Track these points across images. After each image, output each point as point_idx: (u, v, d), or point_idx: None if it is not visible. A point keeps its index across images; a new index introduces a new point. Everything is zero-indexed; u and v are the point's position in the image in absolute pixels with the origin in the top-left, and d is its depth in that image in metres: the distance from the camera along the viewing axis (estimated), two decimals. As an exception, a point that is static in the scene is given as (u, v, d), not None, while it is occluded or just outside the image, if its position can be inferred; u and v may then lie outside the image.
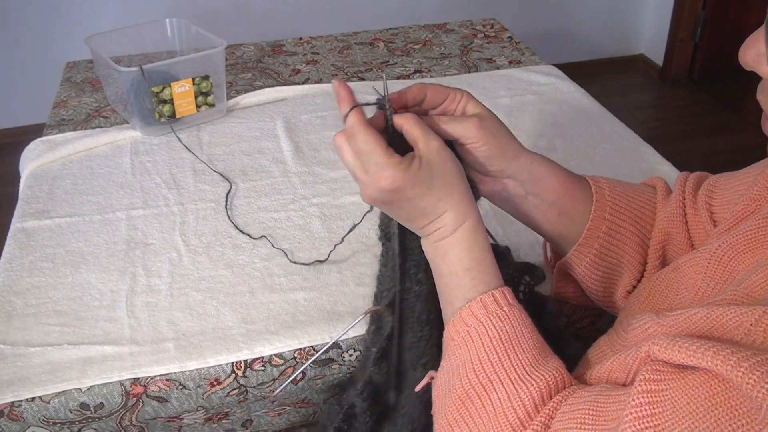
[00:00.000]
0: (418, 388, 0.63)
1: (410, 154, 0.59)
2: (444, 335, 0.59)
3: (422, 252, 0.64)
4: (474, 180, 0.67)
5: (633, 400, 0.44)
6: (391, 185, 0.57)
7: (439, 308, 0.64)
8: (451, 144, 0.64)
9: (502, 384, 0.53)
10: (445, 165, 0.59)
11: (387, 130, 0.61)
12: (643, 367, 0.46)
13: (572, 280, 0.77)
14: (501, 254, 0.70)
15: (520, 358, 0.54)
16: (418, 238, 0.64)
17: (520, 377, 0.53)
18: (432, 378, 0.61)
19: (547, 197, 0.69)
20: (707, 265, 0.58)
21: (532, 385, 0.52)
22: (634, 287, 0.72)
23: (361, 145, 0.57)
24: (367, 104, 0.62)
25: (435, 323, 0.66)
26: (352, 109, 0.60)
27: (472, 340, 0.55)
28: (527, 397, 0.52)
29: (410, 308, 0.67)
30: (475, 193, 0.65)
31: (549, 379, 0.53)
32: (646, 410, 0.43)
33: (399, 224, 0.65)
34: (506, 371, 0.53)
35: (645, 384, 0.44)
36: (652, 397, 0.43)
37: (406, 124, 0.60)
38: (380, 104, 0.63)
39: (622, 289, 0.72)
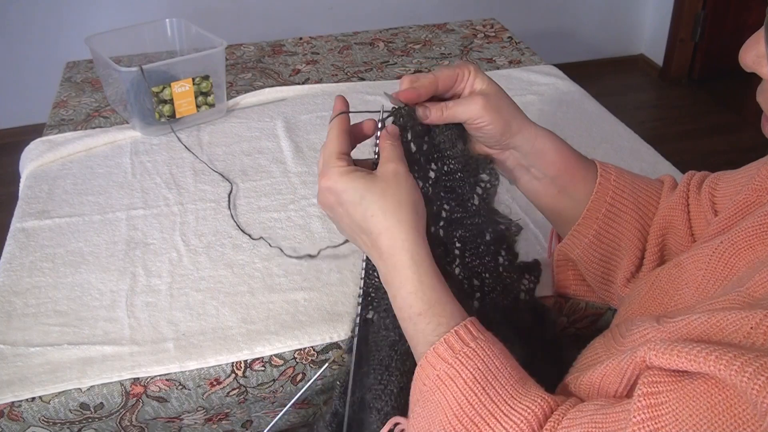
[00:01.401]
0: None
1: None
2: (413, 380, 0.56)
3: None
4: (479, 151, 0.68)
5: (634, 416, 0.42)
6: (326, 182, 0.59)
7: (403, 356, 0.63)
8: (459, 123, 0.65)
9: (488, 425, 0.50)
10: (389, 188, 0.58)
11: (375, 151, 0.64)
12: (641, 379, 0.45)
13: (572, 267, 0.78)
14: (516, 231, 0.70)
15: (500, 393, 0.51)
16: None
17: (505, 413, 0.50)
18: (396, 424, 0.59)
19: (548, 171, 0.69)
20: (708, 261, 0.58)
21: (521, 419, 0.50)
22: (633, 275, 0.72)
23: (326, 143, 0.62)
24: (355, 111, 0.64)
25: (395, 371, 0.64)
26: (337, 115, 0.63)
27: (445, 385, 0.52)
28: None
29: (377, 349, 0.66)
30: (488, 159, 0.67)
31: (536, 409, 0.50)
32: (649, 426, 0.42)
33: (367, 263, 0.66)
34: (490, 411, 0.51)
35: (645, 398, 0.43)
36: (652, 411, 0.42)
37: (382, 142, 0.62)
38: (393, 114, 0.64)
39: (621, 276, 0.72)
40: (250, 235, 0.97)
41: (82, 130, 1.25)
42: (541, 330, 0.73)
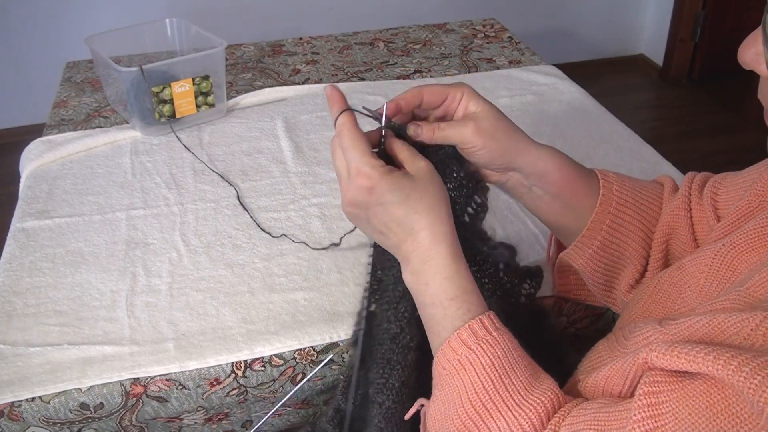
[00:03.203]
0: (407, 417, 0.61)
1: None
2: (434, 365, 0.57)
3: (396, 289, 0.63)
4: (479, 173, 0.68)
5: (634, 415, 0.43)
6: (368, 183, 0.58)
7: (404, 350, 0.64)
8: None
9: (500, 412, 0.52)
10: (429, 185, 0.59)
11: (379, 153, 0.63)
12: (642, 379, 0.45)
13: (573, 272, 0.78)
14: (508, 254, 0.70)
15: (515, 383, 0.53)
16: (394, 274, 0.64)
17: (517, 403, 0.52)
18: (422, 406, 0.60)
19: (550, 190, 0.69)
20: (711, 264, 0.58)
21: (531, 410, 0.51)
22: (637, 281, 0.72)
23: (346, 143, 0.60)
24: (360, 112, 0.64)
25: (397, 365, 0.64)
26: (342, 112, 0.61)
27: (464, 368, 0.54)
28: (527, 423, 0.51)
29: (380, 343, 0.66)
30: (483, 185, 0.66)
31: (546, 402, 0.52)
32: (648, 424, 0.42)
33: (374, 258, 0.65)
34: (503, 399, 0.52)
35: (645, 398, 0.44)
36: (653, 410, 0.43)
37: (395, 146, 0.62)
38: (375, 117, 0.64)
39: (625, 283, 0.72)
40: (270, 234, 0.97)
41: (82, 130, 1.25)
42: (541, 333, 0.73)
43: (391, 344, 0.65)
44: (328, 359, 0.78)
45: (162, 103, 1.19)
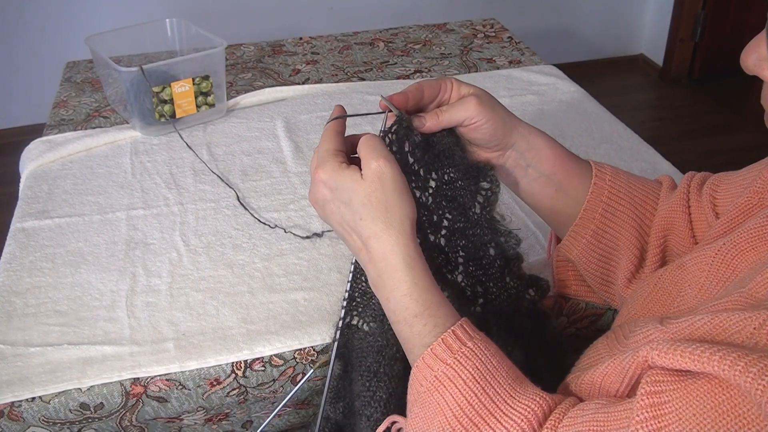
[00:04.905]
0: None
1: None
2: (410, 383, 0.55)
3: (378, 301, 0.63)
4: (480, 157, 0.69)
5: (637, 415, 0.42)
6: (322, 175, 0.59)
7: (391, 361, 0.63)
8: (453, 130, 0.66)
9: (488, 425, 0.50)
10: (376, 192, 0.57)
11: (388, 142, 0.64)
12: (644, 378, 0.44)
13: (571, 268, 0.78)
14: (511, 262, 0.70)
15: (499, 392, 0.51)
16: None
17: (505, 413, 0.50)
18: (393, 423, 0.58)
19: (545, 169, 0.70)
20: (711, 263, 0.58)
21: (521, 418, 0.50)
22: (634, 275, 0.72)
23: (321, 142, 0.62)
24: (364, 114, 0.66)
25: (384, 376, 0.63)
26: (333, 119, 0.64)
27: (444, 385, 0.52)
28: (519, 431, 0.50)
29: (363, 356, 0.65)
30: (488, 167, 0.68)
31: (535, 408, 0.50)
32: (651, 425, 0.42)
33: (356, 268, 0.65)
34: (489, 411, 0.51)
35: (647, 398, 0.43)
36: (655, 410, 0.42)
37: (360, 145, 0.60)
38: (391, 109, 0.65)
39: (622, 276, 0.72)
40: (268, 224, 0.99)
41: (82, 130, 1.25)
42: (542, 335, 0.73)
43: (377, 356, 0.63)
44: (314, 368, 0.78)
45: (162, 103, 1.19)
